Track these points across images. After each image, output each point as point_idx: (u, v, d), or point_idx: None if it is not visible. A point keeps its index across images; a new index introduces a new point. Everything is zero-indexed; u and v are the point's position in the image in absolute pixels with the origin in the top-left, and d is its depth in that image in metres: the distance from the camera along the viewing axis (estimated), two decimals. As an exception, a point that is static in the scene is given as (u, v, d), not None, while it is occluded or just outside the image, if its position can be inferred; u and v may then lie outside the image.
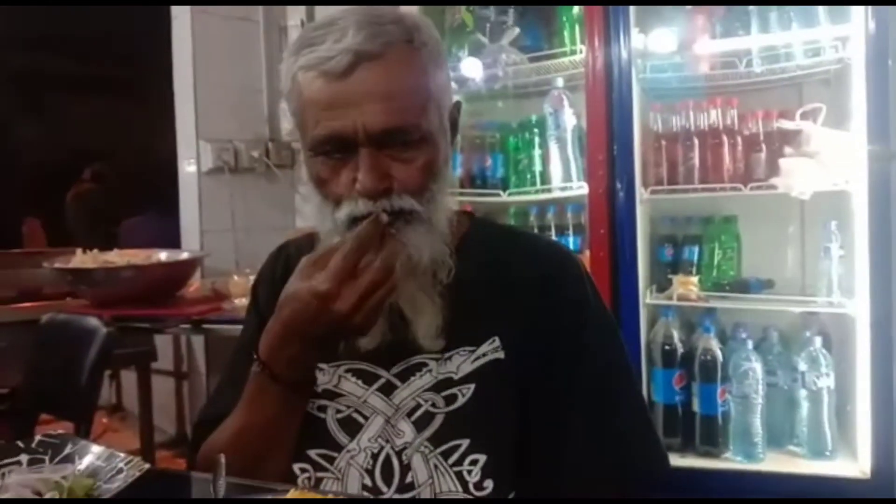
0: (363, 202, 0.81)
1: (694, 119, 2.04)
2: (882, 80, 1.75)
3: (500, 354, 0.89)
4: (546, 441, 0.88)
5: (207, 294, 2.46)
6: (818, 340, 1.90)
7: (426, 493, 0.85)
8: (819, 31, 1.87)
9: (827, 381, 1.88)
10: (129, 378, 3.56)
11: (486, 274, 0.92)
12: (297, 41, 0.83)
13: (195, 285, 2.56)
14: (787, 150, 1.91)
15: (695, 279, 2.01)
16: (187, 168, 2.87)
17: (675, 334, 2.03)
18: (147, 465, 0.70)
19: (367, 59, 0.78)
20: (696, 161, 2.01)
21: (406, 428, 0.87)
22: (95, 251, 2.45)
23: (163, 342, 3.21)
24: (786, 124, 1.92)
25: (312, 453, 0.89)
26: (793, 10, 1.91)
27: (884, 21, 1.75)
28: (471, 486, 0.85)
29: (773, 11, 1.94)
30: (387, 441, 0.87)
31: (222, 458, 0.72)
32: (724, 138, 1.99)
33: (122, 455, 0.76)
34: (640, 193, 2.00)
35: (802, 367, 1.91)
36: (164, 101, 3.00)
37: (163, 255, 2.50)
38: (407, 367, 0.89)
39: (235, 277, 2.36)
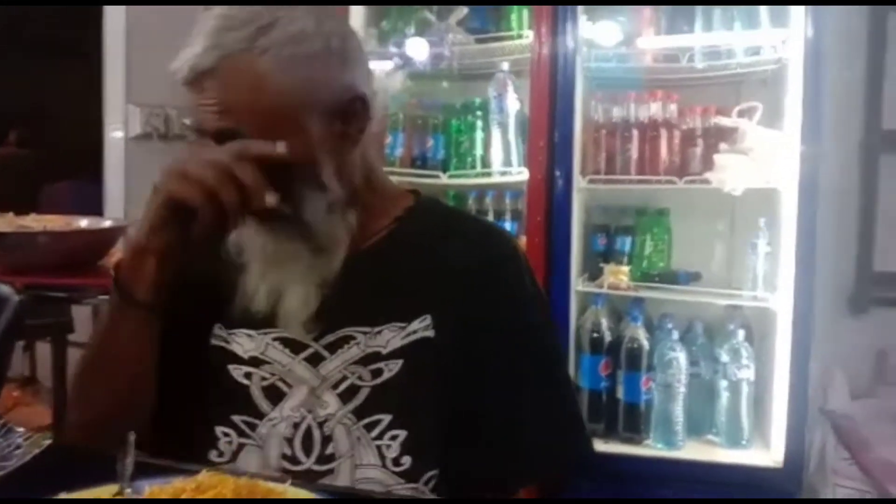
0: None
1: (634, 111, 2.05)
2: (817, 82, 1.80)
3: (430, 333, 0.89)
4: (472, 422, 0.89)
5: (130, 264, 2.36)
6: (741, 333, 1.95)
7: (346, 465, 0.86)
8: (760, 34, 1.91)
9: (747, 373, 1.94)
10: (44, 350, 3.40)
11: (423, 252, 0.93)
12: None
13: (117, 255, 2.45)
14: (723, 146, 1.95)
15: (625, 269, 2.04)
16: (114, 133, 2.74)
17: (604, 322, 2.06)
18: (48, 442, 0.66)
19: (203, 74, 0.82)
20: (634, 153, 2.02)
21: (330, 399, 0.87)
22: (10, 214, 2.30)
23: (82, 314, 3.07)
24: (723, 121, 1.96)
25: (236, 418, 0.88)
26: (736, 9, 1.94)
27: (821, 26, 1.80)
28: (388, 461, 0.86)
29: (718, 10, 1.97)
30: (309, 411, 0.87)
31: (131, 437, 0.68)
32: (663, 131, 2.01)
33: (20, 430, 0.70)
34: (578, 182, 2.01)
35: (724, 358, 1.96)
36: (96, 62, 2.85)
37: (83, 223, 2.37)
38: (336, 339, 0.89)
39: (161, 248, 2.27)
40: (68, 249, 2.24)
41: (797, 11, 1.82)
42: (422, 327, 0.89)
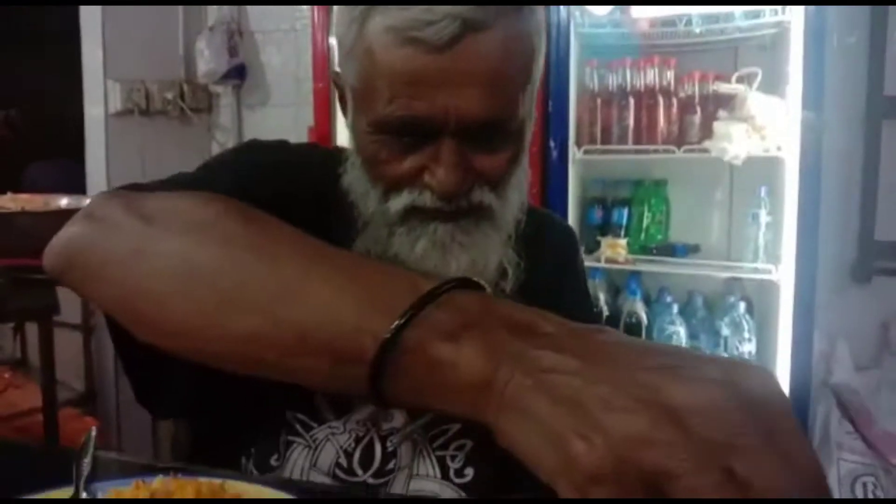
0: (432, 197, 0.67)
1: (630, 78, 1.98)
2: (819, 46, 1.73)
3: None
4: None
5: (113, 245, 2.29)
6: (742, 306, 1.91)
7: (401, 477, 0.76)
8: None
9: (749, 347, 1.89)
10: (34, 332, 3.34)
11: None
12: None
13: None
14: (722, 113, 1.89)
15: (623, 242, 1.98)
16: (94, 110, 2.65)
17: (602, 296, 2.01)
18: (-5, 441, 0.60)
19: (475, 30, 0.62)
20: (631, 121, 1.96)
21: (396, 412, 0.76)
22: (-14, 195, 2.23)
23: (70, 294, 3.01)
24: (722, 87, 1.89)
25: (288, 414, 0.76)
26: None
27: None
28: (451, 473, 0.77)
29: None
30: (374, 424, 0.76)
31: (93, 432, 0.63)
32: (660, 99, 1.95)
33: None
34: (573, 153, 1.95)
35: (725, 331, 1.92)
36: (73, 38, 2.76)
37: (63, 202, 2.29)
38: None
39: (144, 228, 2.19)
40: (49, 229, 2.17)
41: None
42: None
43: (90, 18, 2.64)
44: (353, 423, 0.76)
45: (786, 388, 1.81)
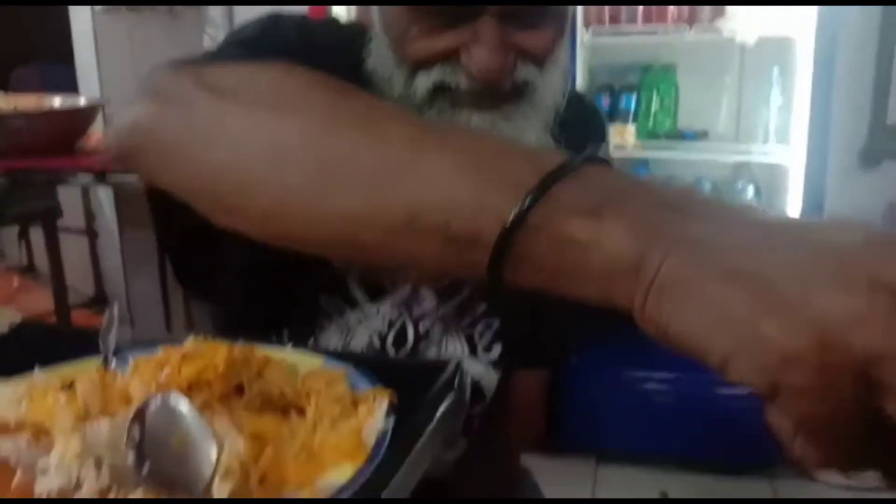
0: (467, 80, 0.61)
1: (642, -48, 1.89)
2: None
3: None
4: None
5: (111, 145, 2.25)
6: (750, 189, 1.89)
7: (429, 355, 0.76)
8: None
9: (756, 232, 1.89)
10: (39, 238, 3.35)
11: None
12: None
13: (97, 136, 2.33)
14: (735, -10, 1.81)
15: (631, 128, 1.96)
16: (79, 7, 2.55)
17: (610, 186, 2.00)
18: (18, 320, 0.60)
19: None
20: None
21: (427, 294, 0.75)
22: (-23, 97, 2.17)
23: (72, 199, 2.99)
24: (736, -39, 1.81)
25: (321, 298, 0.73)
26: None
27: None
28: (479, 349, 0.78)
29: None
30: (407, 308, 0.75)
31: (115, 310, 0.62)
32: (672, -25, 1.86)
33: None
34: (581, 35, 1.88)
35: (733, 217, 1.91)
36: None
37: (57, 102, 2.24)
38: None
39: (141, 125, 2.15)
40: (44, 130, 2.13)
41: None
42: None
43: None
44: (386, 308, 0.75)
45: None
